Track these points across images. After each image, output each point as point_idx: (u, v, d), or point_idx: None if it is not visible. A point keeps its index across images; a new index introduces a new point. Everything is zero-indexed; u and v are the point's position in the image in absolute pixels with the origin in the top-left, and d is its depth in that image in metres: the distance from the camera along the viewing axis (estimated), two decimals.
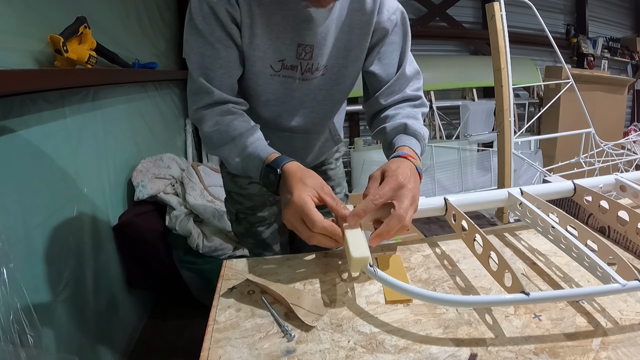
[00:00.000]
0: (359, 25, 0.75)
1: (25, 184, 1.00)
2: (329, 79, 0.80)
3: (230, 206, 1.00)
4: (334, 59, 0.78)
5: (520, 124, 3.27)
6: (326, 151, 1.01)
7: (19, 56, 1.03)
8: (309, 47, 0.74)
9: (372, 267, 0.52)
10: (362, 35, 0.76)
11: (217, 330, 0.49)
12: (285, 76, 0.77)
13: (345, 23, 0.75)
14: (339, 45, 0.77)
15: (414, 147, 0.72)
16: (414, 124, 0.75)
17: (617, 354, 0.42)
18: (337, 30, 0.75)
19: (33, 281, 0.97)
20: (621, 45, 4.11)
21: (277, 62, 0.74)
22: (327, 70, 0.79)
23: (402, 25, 0.79)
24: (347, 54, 0.78)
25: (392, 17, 0.76)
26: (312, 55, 0.75)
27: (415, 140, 0.74)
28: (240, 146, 0.69)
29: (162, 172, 1.81)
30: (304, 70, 0.76)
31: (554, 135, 2.73)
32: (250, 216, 0.97)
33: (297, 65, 0.75)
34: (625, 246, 0.63)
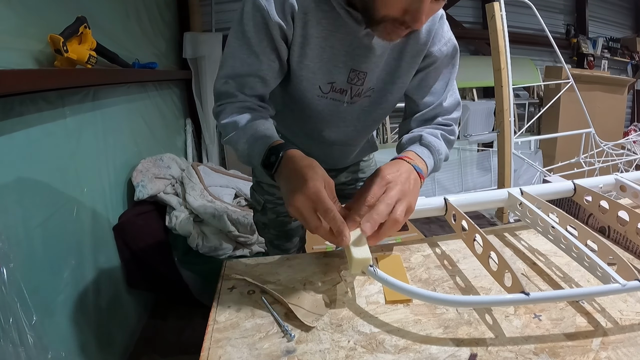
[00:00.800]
0: (411, 54, 0.74)
1: (25, 184, 1.00)
2: (374, 101, 0.80)
3: (259, 196, 1.01)
4: (382, 83, 0.78)
5: (520, 124, 3.27)
6: (362, 157, 1.03)
7: (19, 56, 1.02)
8: (362, 74, 0.74)
9: (372, 267, 0.52)
10: (412, 64, 0.76)
11: (217, 330, 0.49)
12: (332, 99, 0.76)
13: (397, 49, 0.74)
14: (388, 69, 0.76)
15: (421, 154, 0.71)
16: (430, 138, 0.74)
17: (617, 354, 0.42)
18: (390, 56, 0.74)
19: (33, 281, 0.97)
20: (621, 45, 4.11)
21: (327, 84, 0.74)
22: (373, 92, 0.79)
23: (451, 58, 0.78)
24: (395, 80, 0.77)
25: (443, 49, 0.75)
26: (364, 82, 0.75)
27: (426, 150, 0.73)
28: (249, 132, 0.67)
29: (162, 172, 1.81)
30: (353, 95, 0.76)
31: (554, 135, 2.74)
32: (280, 206, 0.99)
33: (347, 90, 0.75)
34: (625, 246, 0.63)
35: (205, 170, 2.06)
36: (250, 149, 0.67)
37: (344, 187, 1.03)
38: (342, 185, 1.03)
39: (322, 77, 0.73)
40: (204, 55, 2.54)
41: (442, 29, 0.74)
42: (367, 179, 0.63)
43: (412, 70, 0.77)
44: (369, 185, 0.60)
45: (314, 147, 0.89)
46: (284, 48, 0.69)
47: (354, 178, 1.04)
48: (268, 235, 1.06)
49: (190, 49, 2.54)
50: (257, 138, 0.66)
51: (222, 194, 1.91)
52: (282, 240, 1.04)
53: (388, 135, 3.12)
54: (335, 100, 0.77)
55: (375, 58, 0.72)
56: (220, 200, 1.84)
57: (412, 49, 0.74)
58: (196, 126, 2.69)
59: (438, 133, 0.77)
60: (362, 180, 1.03)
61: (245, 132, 0.67)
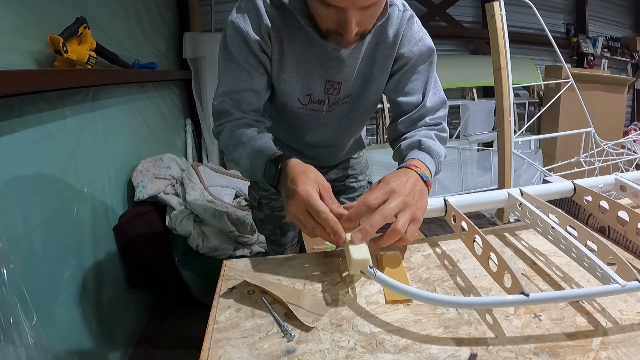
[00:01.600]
0: (381, 59, 0.78)
1: (25, 184, 1.00)
2: (352, 106, 0.84)
3: (255, 193, 1.05)
4: (358, 89, 0.81)
5: (520, 123, 3.27)
6: (351, 154, 1.08)
7: (19, 56, 1.03)
8: (337, 84, 0.78)
9: (372, 268, 0.52)
10: (383, 68, 0.79)
11: (217, 330, 0.49)
12: (312, 109, 0.81)
13: (369, 56, 0.78)
14: (362, 76, 0.80)
15: (424, 161, 0.71)
16: (428, 142, 0.75)
17: (617, 353, 0.42)
18: (362, 63, 0.78)
19: (33, 281, 0.97)
20: (621, 45, 4.10)
21: (305, 96, 0.78)
22: (351, 99, 0.83)
23: (426, 57, 0.80)
24: (369, 86, 0.81)
25: (414, 49, 0.77)
26: (339, 91, 0.79)
27: (428, 155, 0.74)
28: (249, 148, 0.70)
29: (162, 172, 1.81)
30: (331, 104, 0.81)
31: (554, 135, 2.74)
32: (275, 201, 1.03)
33: (325, 100, 0.80)
34: (625, 246, 0.63)
35: (205, 170, 2.06)
36: (251, 164, 0.70)
37: (335, 184, 1.07)
38: (332, 182, 1.05)
39: (300, 90, 0.77)
40: (204, 55, 2.54)
41: (410, 30, 0.77)
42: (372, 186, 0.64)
43: (384, 75, 0.80)
44: (372, 190, 0.60)
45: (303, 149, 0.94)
46: (267, 61, 0.73)
47: (344, 175, 1.09)
48: (265, 232, 1.10)
49: (190, 49, 2.53)
50: (256, 153, 0.69)
51: (222, 194, 1.91)
52: (278, 236, 1.08)
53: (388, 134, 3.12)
54: (314, 110, 0.81)
55: (347, 68, 0.76)
56: (221, 200, 1.84)
57: (381, 53, 0.77)
58: (196, 126, 2.69)
59: (432, 134, 0.78)
60: (352, 177, 1.10)
61: (245, 148, 0.70)
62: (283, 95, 0.78)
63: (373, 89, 0.82)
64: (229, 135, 0.73)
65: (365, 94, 0.82)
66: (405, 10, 0.77)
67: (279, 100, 0.80)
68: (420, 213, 0.60)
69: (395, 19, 0.76)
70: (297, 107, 0.80)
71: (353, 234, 0.55)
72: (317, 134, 0.88)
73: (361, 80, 0.80)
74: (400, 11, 0.76)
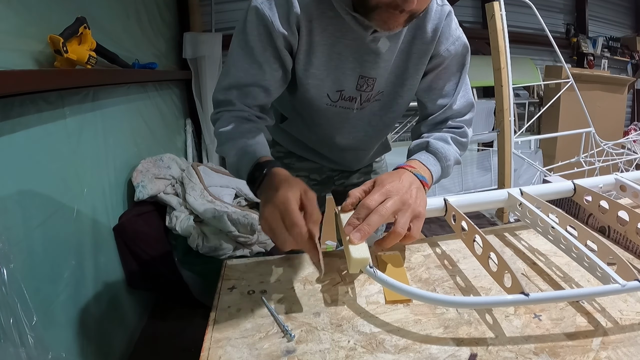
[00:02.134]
0: (417, 55, 0.73)
1: (25, 184, 1.00)
2: (384, 104, 0.79)
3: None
4: (391, 86, 0.76)
5: (520, 123, 3.27)
6: (375, 158, 1.03)
7: (19, 56, 1.02)
8: (371, 80, 0.72)
9: (372, 268, 0.52)
10: (419, 65, 0.74)
11: (217, 330, 0.49)
12: (342, 107, 0.75)
13: (404, 51, 0.73)
14: (396, 72, 0.75)
15: (426, 163, 0.70)
16: (437, 144, 0.73)
17: (617, 353, 0.42)
18: (397, 58, 0.73)
19: (33, 281, 0.97)
20: (621, 45, 4.10)
21: (335, 92, 0.73)
22: (383, 96, 0.77)
23: (461, 57, 0.76)
24: (403, 83, 0.76)
25: (451, 48, 0.73)
26: (373, 87, 0.74)
27: (433, 157, 0.72)
28: (240, 144, 0.66)
29: (162, 172, 1.81)
30: (362, 101, 0.75)
31: (554, 135, 2.73)
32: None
33: (357, 97, 0.74)
34: (625, 246, 0.63)
35: (205, 170, 2.06)
36: (239, 161, 0.65)
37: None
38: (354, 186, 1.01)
39: (330, 85, 0.72)
40: (204, 55, 2.54)
41: (449, 27, 0.72)
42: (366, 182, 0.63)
43: (419, 72, 0.75)
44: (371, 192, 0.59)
45: (327, 152, 0.89)
46: (288, 58, 0.68)
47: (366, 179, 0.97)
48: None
49: (190, 49, 2.54)
50: (245, 152, 0.65)
51: (222, 194, 1.90)
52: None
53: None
54: (344, 108, 0.76)
55: (383, 62, 0.71)
56: (221, 201, 1.84)
57: (418, 49, 0.72)
58: (196, 126, 2.69)
59: (448, 137, 0.76)
60: None
61: (236, 144, 0.66)
62: (311, 90, 0.73)
63: (407, 86, 0.76)
64: (224, 124, 0.68)
65: (399, 91, 0.77)
66: (444, 4, 0.72)
67: (306, 96, 0.74)
68: (421, 208, 0.59)
69: (435, 13, 0.70)
70: (326, 103, 0.75)
71: (352, 234, 0.54)
72: (344, 134, 0.83)
73: (395, 77, 0.75)
74: (439, 5, 0.71)
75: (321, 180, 1.00)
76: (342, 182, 1.02)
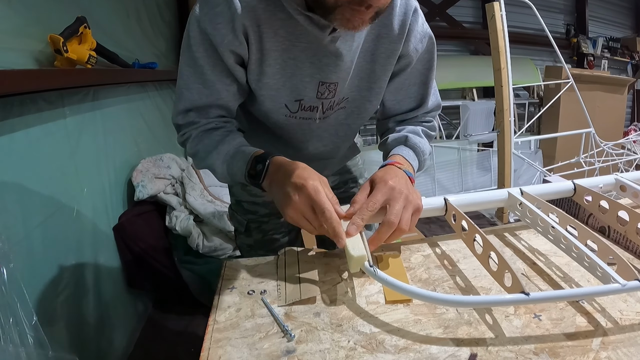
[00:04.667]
0: (385, 55, 0.67)
1: (26, 184, 1.00)
2: (350, 112, 0.73)
3: (240, 217, 0.90)
4: (356, 90, 0.70)
5: (520, 123, 3.27)
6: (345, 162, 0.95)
7: (19, 56, 1.02)
8: (332, 85, 0.66)
9: (372, 267, 0.52)
10: (387, 65, 0.69)
11: (217, 330, 0.49)
12: (302, 118, 0.69)
13: (369, 51, 0.66)
14: (362, 75, 0.69)
15: (408, 158, 0.70)
16: (414, 139, 0.73)
17: (617, 354, 0.42)
18: (361, 59, 0.67)
19: (33, 281, 0.97)
20: (621, 45, 4.11)
21: (294, 102, 0.66)
22: (348, 102, 0.71)
23: (427, 53, 0.71)
24: (370, 86, 0.70)
25: (419, 46, 0.68)
26: (335, 93, 0.67)
27: (412, 152, 0.72)
28: (223, 152, 0.64)
29: (162, 172, 1.81)
30: (325, 109, 0.68)
31: (554, 135, 2.74)
32: (265, 224, 0.89)
33: (318, 106, 0.67)
34: (625, 246, 0.63)
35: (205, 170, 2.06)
36: (229, 168, 0.64)
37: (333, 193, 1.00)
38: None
39: (287, 95, 0.65)
40: None
41: (416, 23, 0.67)
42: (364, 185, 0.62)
43: (387, 73, 0.70)
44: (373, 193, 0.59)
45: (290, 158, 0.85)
46: (239, 71, 0.63)
47: (341, 181, 0.95)
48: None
49: None
50: (233, 155, 0.63)
51: (222, 194, 1.90)
52: None
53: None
54: (305, 119, 0.69)
55: (345, 65, 0.64)
56: (220, 200, 1.84)
57: (385, 49, 0.66)
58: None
59: (419, 130, 0.76)
60: (352, 181, 0.97)
61: (219, 153, 0.64)
62: (266, 102, 0.66)
63: (375, 90, 0.71)
64: (197, 142, 0.66)
65: (366, 96, 0.71)
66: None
67: (262, 108, 0.68)
68: (420, 202, 0.61)
69: (399, 8, 0.65)
70: (285, 115, 0.68)
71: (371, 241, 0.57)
72: (307, 146, 0.76)
73: (360, 80, 0.69)
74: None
75: None
76: None
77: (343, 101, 0.70)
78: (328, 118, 0.71)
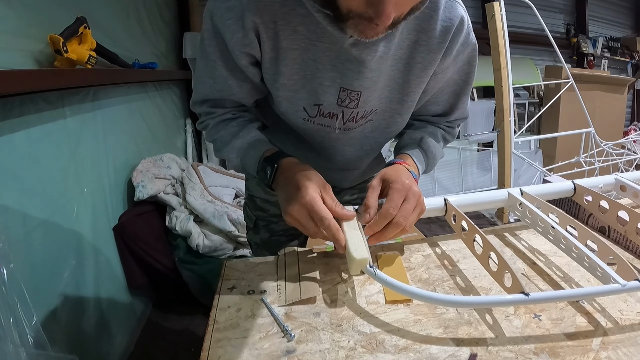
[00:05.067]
0: (422, 65, 0.60)
1: (25, 184, 1.00)
2: (379, 125, 0.67)
3: (250, 211, 0.88)
4: (386, 102, 0.64)
5: (520, 123, 3.27)
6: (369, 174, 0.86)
7: (19, 56, 1.02)
8: (355, 94, 0.60)
9: (372, 267, 0.52)
10: (422, 77, 0.62)
11: (217, 330, 0.49)
12: (321, 124, 0.64)
13: (402, 59, 0.60)
14: (393, 85, 0.63)
15: (417, 161, 0.69)
16: (429, 142, 0.71)
17: (617, 354, 0.42)
18: (393, 68, 0.61)
19: (33, 281, 0.97)
20: (621, 45, 4.11)
21: (313, 106, 0.62)
22: (377, 115, 0.65)
23: (467, 65, 0.65)
24: (403, 98, 0.64)
25: (461, 57, 0.62)
26: (358, 103, 0.61)
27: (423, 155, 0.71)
28: (238, 144, 0.64)
29: (162, 172, 1.81)
30: (345, 120, 0.63)
31: (554, 135, 2.74)
32: (274, 224, 0.86)
33: (338, 114, 0.62)
34: (625, 246, 0.63)
35: (205, 170, 2.06)
36: (243, 161, 0.64)
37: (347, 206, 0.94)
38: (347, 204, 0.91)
39: (305, 98, 0.61)
40: None
41: (461, 31, 0.59)
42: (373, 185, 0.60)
43: (422, 85, 0.64)
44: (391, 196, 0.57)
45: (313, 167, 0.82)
46: (252, 70, 0.60)
47: (359, 197, 0.89)
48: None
49: (190, 49, 2.53)
50: (247, 150, 0.64)
51: (222, 194, 1.90)
52: None
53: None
54: (324, 125, 0.64)
55: (371, 73, 0.58)
56: (221, 200, 1.84)
57: (422, 58, 0.60)
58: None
59: (439, 134, 0.74)
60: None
61: (233, 146, 0.64)
62: (283, 103, 0.62)
63: (408, 102, 0.64)
64: (214, 132, 0.67)
65: (397, 109, 0.65)
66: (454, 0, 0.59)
67: (279, 109, 0.65)
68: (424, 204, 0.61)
69: (443, 13, 0.57)
70: (303, 118, 0.64)
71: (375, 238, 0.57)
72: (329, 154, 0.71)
73: (389, 91, 0.62)
74: (450, 1, 0.58)
75: None
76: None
77: (372, 113, 0.64)
78: (351, 131, 0.66)
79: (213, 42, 0.58)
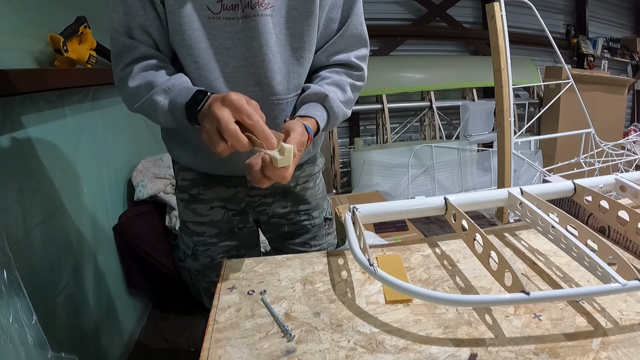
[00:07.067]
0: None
1: (26, 184, 1.00)
2: (277, 21, 0.68)
3: (187, 238, 0.85)
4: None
5: (520, 124, 3.27)
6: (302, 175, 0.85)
7: (19, 56, 1.03)
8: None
9: (372, 266, 0.52)
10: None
11: (217, 330, 0.49)
12: (226, 18, 0.66)
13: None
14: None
15: (319, 121, 0.68)
16: (334, 101, 0.70)
17: (617, 354, 0.42)
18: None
19: (33, 281, 0.97)
20: (621, 46, 4.11)
21: (216, 3, 0.65)
22: (275, 11, 0.67)
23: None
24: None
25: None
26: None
27: (326, 115, 0.70)
28: (168, 85, 0.63)
29: (162, 171, 1.81)
30: (244, 6, 0.65)
31: (554, 136, 2.73)
32: (214, 246, 0.83)
33: (238, 4, 0.65)
34: (625, 246, 0.63)
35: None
36: (173, 100, 0.61)
37: (281, 221, 0.86)
38: (278, 217, 0.86)
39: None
40: None
41: None
42: (290, 125, 0.61)
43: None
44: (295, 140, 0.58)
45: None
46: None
47: (293, 209, 0.86)
48: (204, 284, 0.89)
49: None
50: (181, 90, 0.61)
51: None
52: None
53: (388, 135, 3.12)
54: (228, 19, 0.66)
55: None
56: None
57: None
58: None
59: (347, 85, 0.74)
60: (305, 213, 0.87)
61: (164, 89, 0.62)
62: (186, 6, 0.64)
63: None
64: (140, 79, 0.65)
65: (292, 3, 0.68)
66: None
67: (182, 14, 0.65)
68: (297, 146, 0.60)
69: None
70: (207, 16, 0.65)
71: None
72: (235, 57, 0.69)
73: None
74: None
75: (241, 209, 0.83)
76: (264, 210, 0.85)
77: (266, 4, 0.66)
78: (255, 22, 0.66)
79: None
